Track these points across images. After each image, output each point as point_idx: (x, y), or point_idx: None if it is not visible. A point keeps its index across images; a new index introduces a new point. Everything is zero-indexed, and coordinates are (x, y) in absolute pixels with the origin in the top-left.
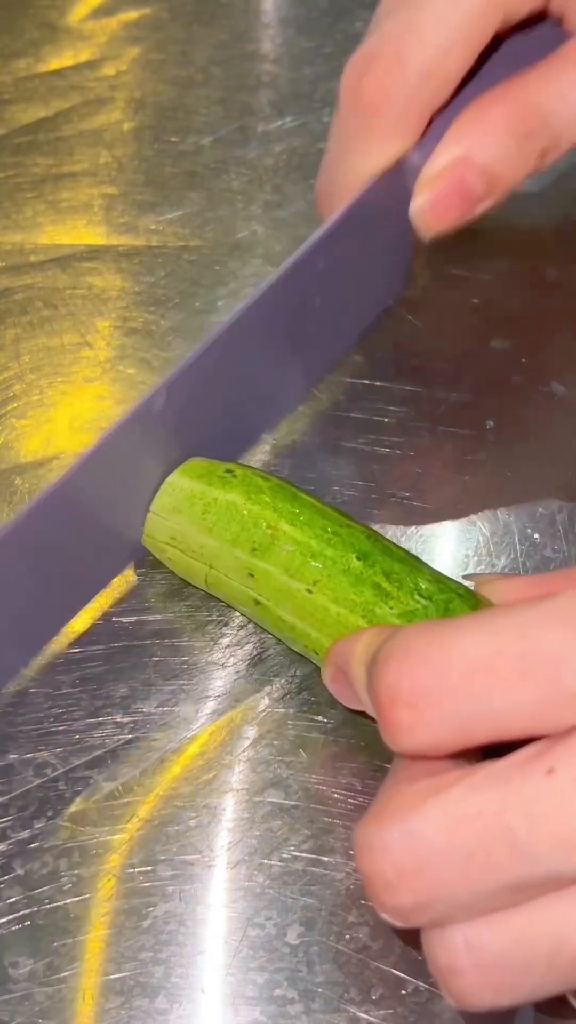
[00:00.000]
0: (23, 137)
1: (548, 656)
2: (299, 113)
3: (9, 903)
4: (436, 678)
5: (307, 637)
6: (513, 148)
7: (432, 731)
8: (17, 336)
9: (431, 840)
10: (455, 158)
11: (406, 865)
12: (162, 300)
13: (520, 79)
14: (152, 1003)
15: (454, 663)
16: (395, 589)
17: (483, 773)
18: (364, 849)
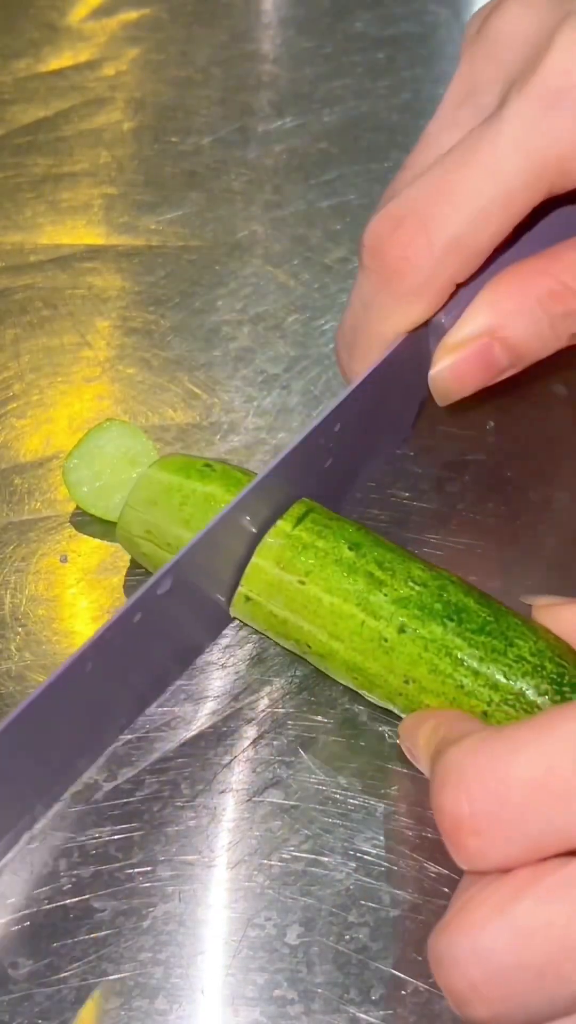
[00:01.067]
0: (23, 137)
1: None
2: (299, 113)
3: (9, 903)
4: (496, 803)
5: (299, 631)
6: (546, 326)
7: (500, 853)
8: (17, 336)
9: (500, 957)
10: (484, 328)
11: (478, 980)
12: (162, 300)
13: (561, 253)
14: (152, 1004)
15: (512, 786)
16: (388, 577)
17: (550, 882)
18: (437, 962)
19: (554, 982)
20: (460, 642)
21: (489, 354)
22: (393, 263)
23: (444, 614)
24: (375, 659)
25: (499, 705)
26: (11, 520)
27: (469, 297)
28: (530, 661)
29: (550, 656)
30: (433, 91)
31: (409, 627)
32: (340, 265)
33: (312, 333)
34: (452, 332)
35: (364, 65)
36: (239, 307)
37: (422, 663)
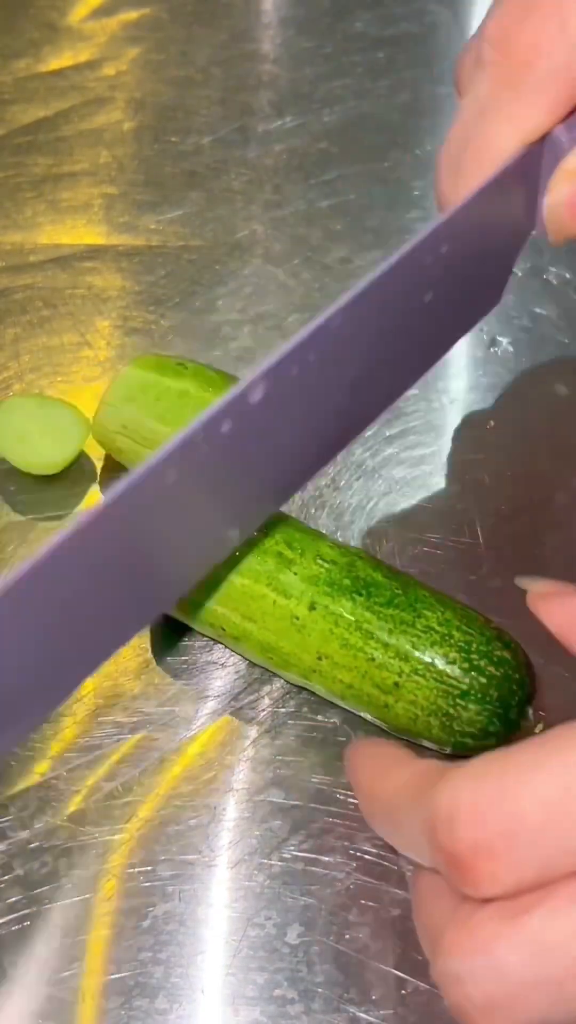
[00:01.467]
0: (23, 137)
1: None
2: (299, 113)
3: (9, 903)
4: (512, 826)
5: (213, 614)
6: None
7: (514, 877)
8: (17, 336)
9: (519, 972)
10: None
11: (497, 995)
12: (162, 300)
13: None
14: (152, 1003)
15: (528, 808)
16: (297, 556)
17: (563, 895)
18: (451, 981)
19: (573, 996)
20: (369, 616)
21: None
22: (522, 52)
23: (353, 589)
24: (288, 638)
25: (409, 676)
26: (11, 520)
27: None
28: (438, 631)
29: (457, 625)
30: (433, 91)
31: (319, 604)
32: (340, 265)
33: None
34: (571, 156)
35: (364, 65)
36: (239, 307)
37: (333, 639)
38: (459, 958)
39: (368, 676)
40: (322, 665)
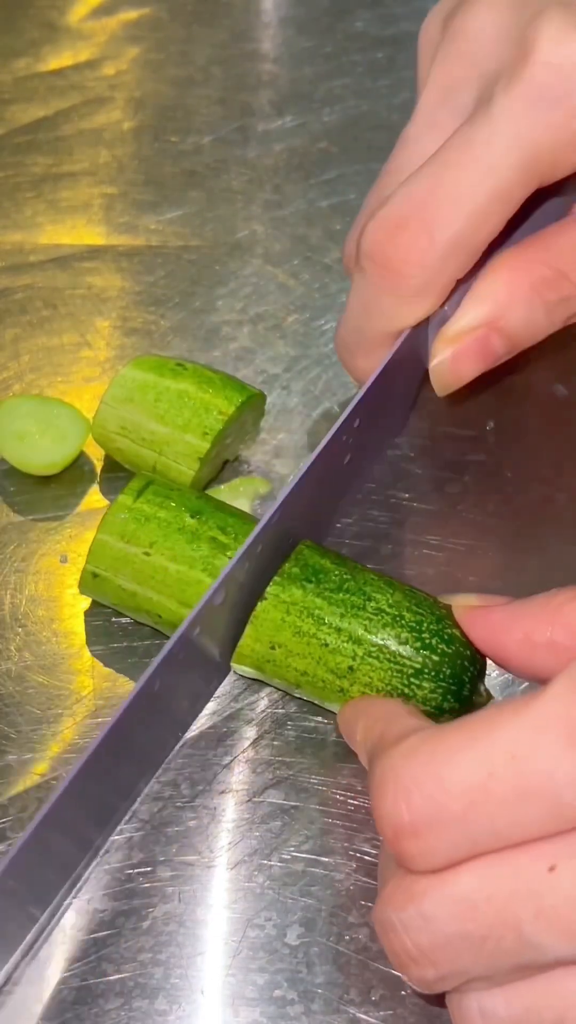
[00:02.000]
0: (23, 136)
1: (543, 776)
2: (299, 113)
3: None
4: (436, 809)
5: (149, 602)
6: (541, 313)
7: (442, 856)
8: (16, 336)
9: (445, 925)
10: (481, 319)
11: (424, 945)
12: (162, 300)
13: (550, 240)
14: (152, 1004)
15: (452, 792)
16: (231, 540)
17: (492, 859)
18: (385, 929)
19: (492, 954)
20: (320, 602)
21: (487, 344)
22: (396, 266)
23: (302, 576)
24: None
25: (363, 659)
26: (11, 520)
27: (464, 285)
28: (388, 612)
29: (407, 606)
30: None
31: (269, 593)
32: (340, 265)
33: (312, 333)
34: (450, 324)
35: (364, 65)
36: (239, 307)
37: (286, 627)
38: (394, 908)
39: (322, 662)
40: (276, 654)
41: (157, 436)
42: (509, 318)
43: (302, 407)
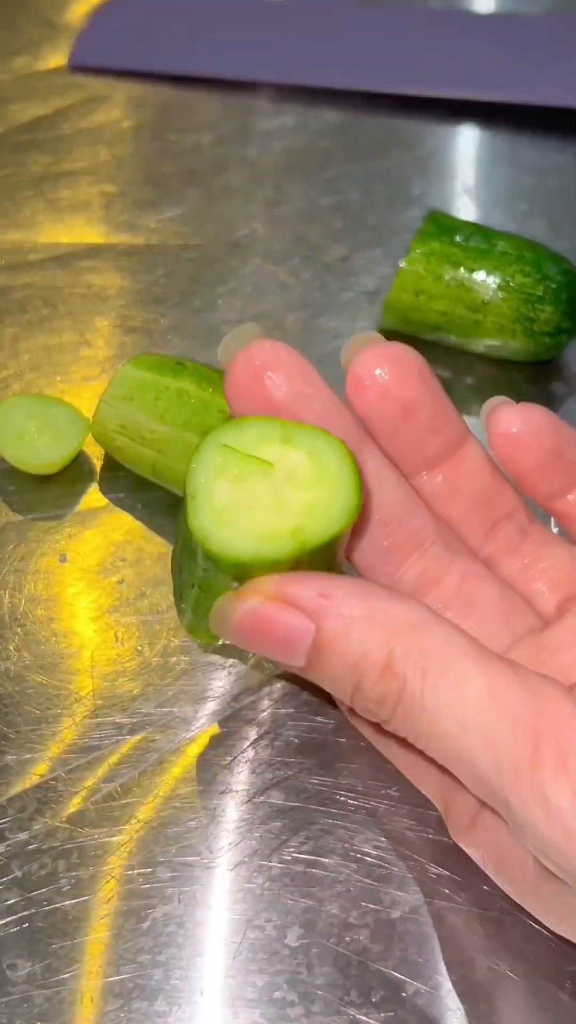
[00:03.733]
0: (22, 135)
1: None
2: (299, 112)
3: (7, 905)
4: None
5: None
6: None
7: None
8: (16, 335)
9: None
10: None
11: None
12: (161, 299)
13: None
14: (151, 1006)
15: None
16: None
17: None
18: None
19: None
20: (455, 250)
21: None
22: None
23: (438, 233)
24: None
25: (495, 291)
26: (10, 520)
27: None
28: (512, 253)
29: (527, 247)
30: None
31: (412, 249)
32: (340, 263)
33: (312, 332)
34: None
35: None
36: (239, 306)
37: (428, 275)
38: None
39: (460, 300)
40: (419, 301)
41: (157, 435)
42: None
43: None
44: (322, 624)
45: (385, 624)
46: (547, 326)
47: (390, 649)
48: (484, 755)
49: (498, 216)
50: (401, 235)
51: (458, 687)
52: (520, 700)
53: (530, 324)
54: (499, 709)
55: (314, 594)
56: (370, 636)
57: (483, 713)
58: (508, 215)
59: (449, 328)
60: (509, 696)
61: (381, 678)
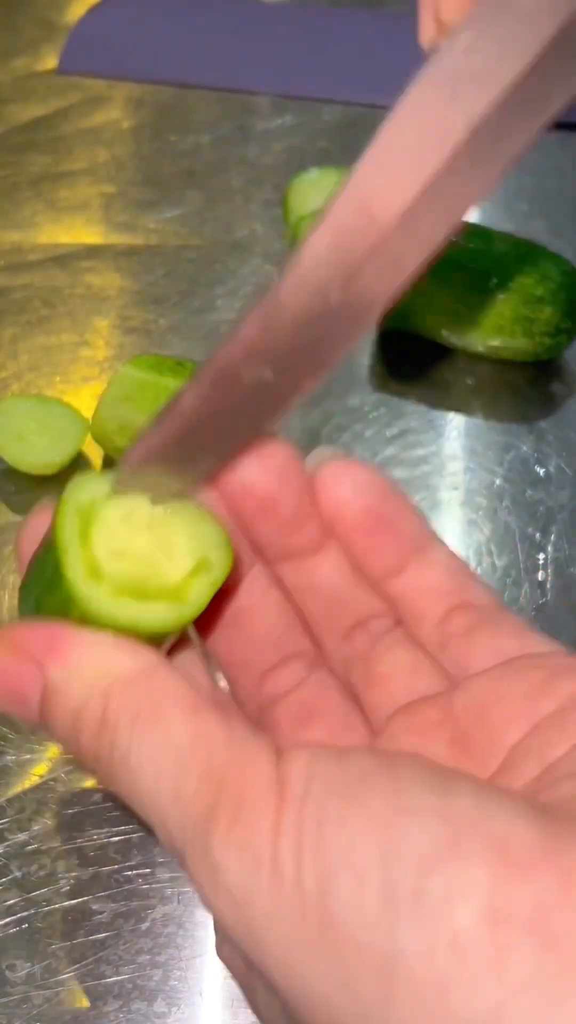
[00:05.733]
0: (21, 136)
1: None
2: (298, 112)
3: (7, 906)
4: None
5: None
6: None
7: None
8: (15, 335)
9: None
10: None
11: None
12: (161, 299)
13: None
14: (150, 1006)
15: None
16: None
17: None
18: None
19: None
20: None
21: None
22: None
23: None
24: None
25: (494, 292)
26: (10, 520)
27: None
28: (511, 254)
29: (527, 247)
30: None
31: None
32: None
33: None
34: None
35: None
36: (238, 306)
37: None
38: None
39: (460, 300)
40: (419, 300)
41: None
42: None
43: (302, 406)
44: (48, 673)
45: (108, 673)
46: (546, 326)
47: (108, 699)
48: (172, 809)
49: (498, 216)
50: None
51: (163, 737)
52: (216, 751)
53: (529, 324)
54: (194, 758)
55: (42, 642)
56: (91, 685)
57: (178, 763)
58: (508, 215)
59: (449, 328)
60: (208, 746)
61: (97, 731)
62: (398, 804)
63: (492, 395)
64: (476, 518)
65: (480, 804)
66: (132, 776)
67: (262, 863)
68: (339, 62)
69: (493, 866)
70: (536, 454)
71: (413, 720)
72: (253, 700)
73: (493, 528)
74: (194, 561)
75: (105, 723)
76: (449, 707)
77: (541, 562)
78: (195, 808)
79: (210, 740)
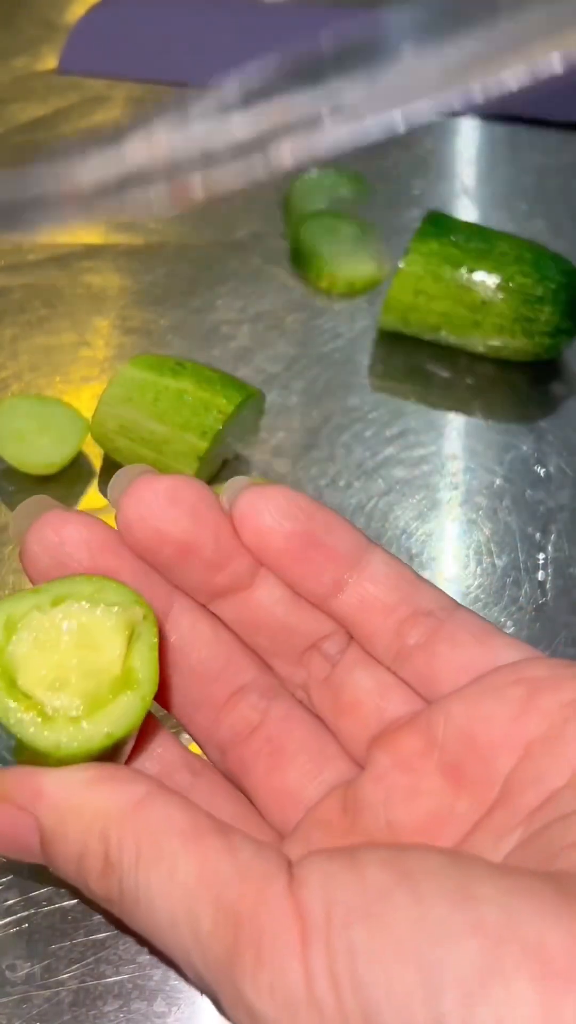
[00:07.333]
0: (21, 136)
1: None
2: None
3: (7, 906)
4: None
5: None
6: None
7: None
8: (15, 335)
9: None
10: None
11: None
12: (161, 299)
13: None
14: (150, 1006)
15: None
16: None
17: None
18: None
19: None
20: (454, 250)
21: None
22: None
23: (437, 232)
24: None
25: (494, 291)
26: (10, 520)
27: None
28: (510, 254)
29: (527, 247)
30: None
31: (411, 249)
32: None
33: (312, 332)
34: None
35: None
36: (238, 306)
37: (427, 275)
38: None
39: (460, 300)
40: (419, 301)
41: (156, 435)
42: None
43: (302, 406)
44: (41, 820)
45: (100, 811)
46: (546, 326)
47: (107, 839)
48: (194, 948)
49: (497, 216)
50: (401, 235)
51: (169, 873)
52: (226, 882)
53: (529, 324)
54: (204, 893)
55: (27, 791)
56: (87, 827)
57: (190, 899)
58: (508, 215)
59: (449, 328)
60: (216, 878)
61: (103, 873)
62: (427, 926)
63: (492, 395)
64: (476, 518)
65: (508, 909)
66: (147, 916)
67: (299, 1005)
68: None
69: (538, 983)
70: (536, 454)
71: (398, 753)
72: (212, 741)
73: (493, 528)
74: (124, 633)
75: (109, 864)
76: (430, 733)
77: (541, 562)
78: (216, 949)
79: (217, 872)
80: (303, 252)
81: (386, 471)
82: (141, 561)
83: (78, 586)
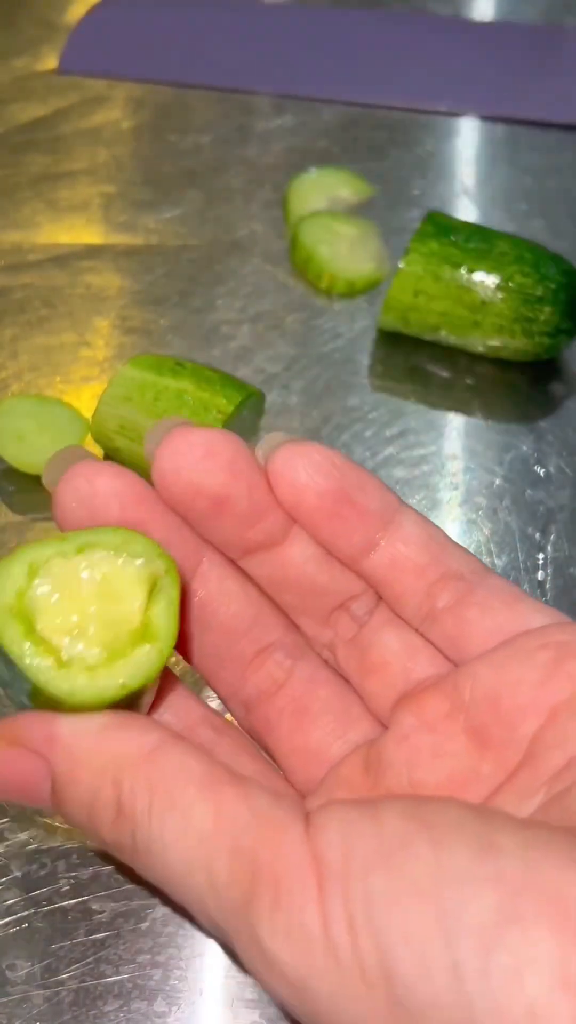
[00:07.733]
0: (21, 136)
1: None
2: (298, 112)
3: (7, 906)
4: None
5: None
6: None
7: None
8: (15, 335)
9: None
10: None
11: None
12: (161, 299)
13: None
14: (151, 1006)
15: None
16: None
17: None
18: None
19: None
20: (454, 250)
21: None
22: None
23: (436, 233)
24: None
25: (493, 292)
26: (10, 520)
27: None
28: (510, 254)
29: (527, 247)
30: None
31: (411, 249)
32: None
33: (312, 332)
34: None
35: None
36: (238, 306)
37: (427, 275)
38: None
39: (459, 300)
40: (418, 301)
41: None
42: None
43: (302, 406)
44: (53, 765)
45: (113, 757)
46: (546, 326)
47: (119, 785)
48: (209, 895)
49: (497, 216)
50: (401, 235)
51: (184, 820)
52: (242, 829)
53: (529, 324)
54: (221, 840)
55: (41, 735)
56: (99, 773)
57: (205, 846)
58: (508, 215)
59: (449, 328)
60: (232, 825)
61: (115, 820)
62: (446, 874)
63: (492, 395)
64: (476, 518)
65: (528, 860)
66: (161, 864)
67: (315, 948)
68: (339, 62)
69: (556, 930)
70: (536, 454)
71: (423, 714)
72: (237, 698)
73: (493, 528)
74: (145, 585)
75: (122, 811)
76: (456, 696)
77: (541, 562)
78: (232, 894)
79: (233, 819)
80: (303, 252)
81: (386, 471)
82: (172, 514)
83: (104, 536)
